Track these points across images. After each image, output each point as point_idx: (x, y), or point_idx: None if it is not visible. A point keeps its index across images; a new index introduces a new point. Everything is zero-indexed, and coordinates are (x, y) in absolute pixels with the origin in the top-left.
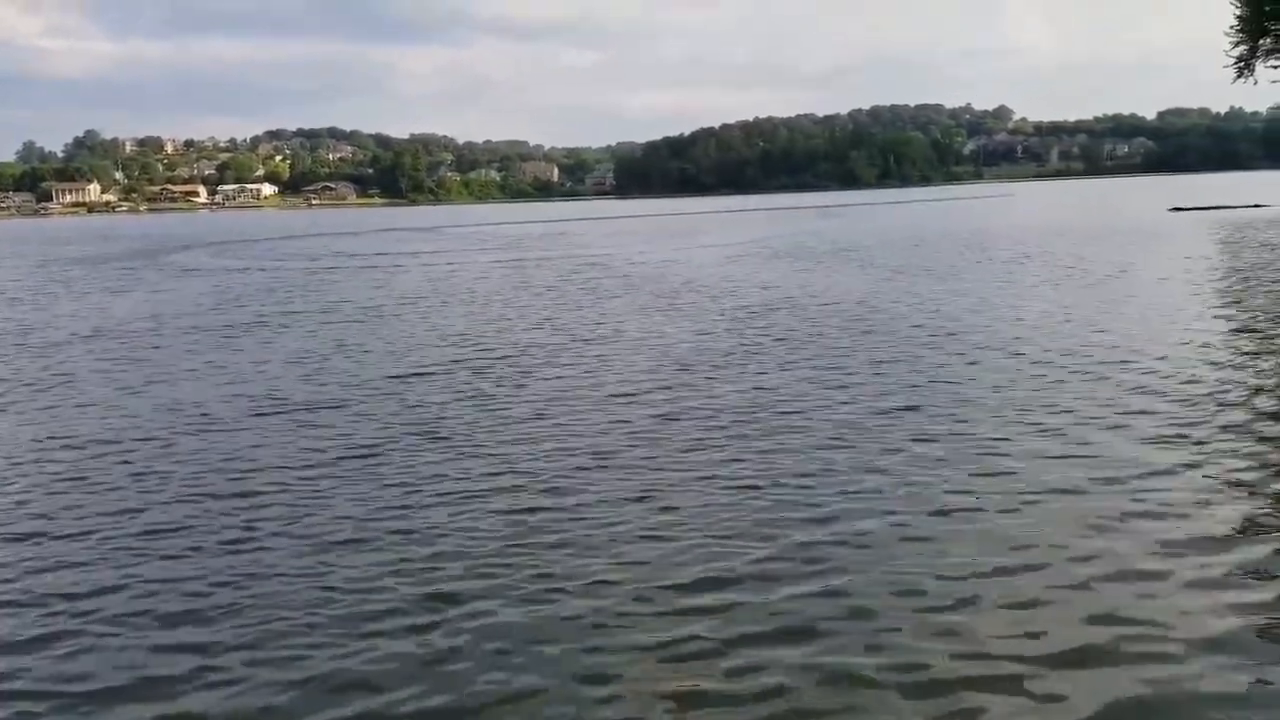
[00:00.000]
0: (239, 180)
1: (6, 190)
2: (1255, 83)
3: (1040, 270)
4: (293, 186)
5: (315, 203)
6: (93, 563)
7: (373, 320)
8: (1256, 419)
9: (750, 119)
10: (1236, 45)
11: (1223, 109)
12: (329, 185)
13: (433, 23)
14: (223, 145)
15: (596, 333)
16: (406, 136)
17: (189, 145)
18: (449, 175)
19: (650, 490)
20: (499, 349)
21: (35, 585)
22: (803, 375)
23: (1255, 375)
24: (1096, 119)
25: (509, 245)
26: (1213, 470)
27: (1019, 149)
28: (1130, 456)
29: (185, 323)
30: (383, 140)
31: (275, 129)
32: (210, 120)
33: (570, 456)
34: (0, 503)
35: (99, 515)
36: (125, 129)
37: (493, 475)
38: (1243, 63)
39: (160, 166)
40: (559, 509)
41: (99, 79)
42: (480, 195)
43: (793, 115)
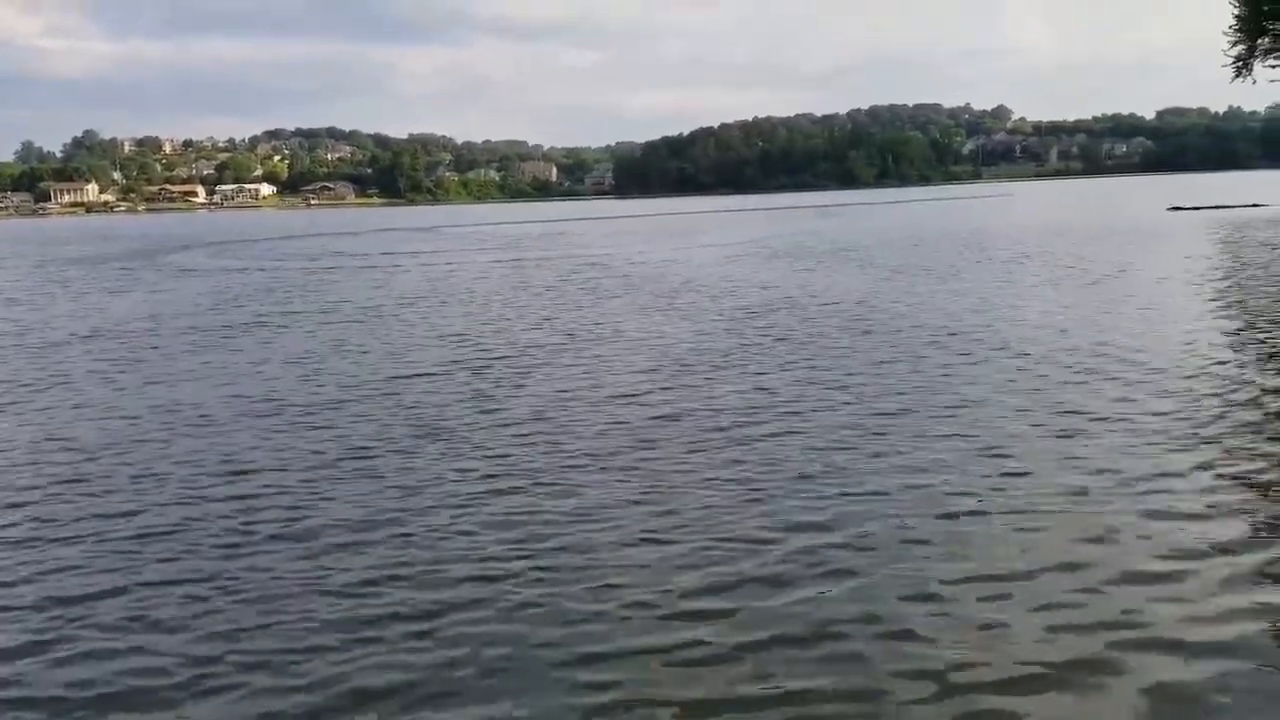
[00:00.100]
0: (237, 180)
1: (5, 190)
2: (1254, 82)
3: (1040, 270)
4: (291, 186)
5: (314, 203)
6: (89, 566)
7: (372, 320)
8: (1263, 420)
9: (749, 119)
10: (1235, 45)
11: (1221, 109)
12: (328, 185)
13: (433, 23)
14: (221, 145)
15: (596, 333)
16: (405, 136)
17: (187, 145)
18: (448, 175)
19: (651, 492)
20: (498, 349)
21: (31, 590)
22: (803, 375)
23: (1259, 375)
24: (1095, 119)
25: (508, 245)
26: (1221, 472)
27: (1018, 149)
28: (1135, 458)
29: (184, 323)
30: (381, 140)
31: (274, 129)
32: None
33: (570, 458)
34: None
35: (96, 517)
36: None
37: (492, 477)
38: (1241, 62)
39: (159, 166)
40: (559, 511)
41: (99, 79)
42: (479, 195)
43: (792, 115)
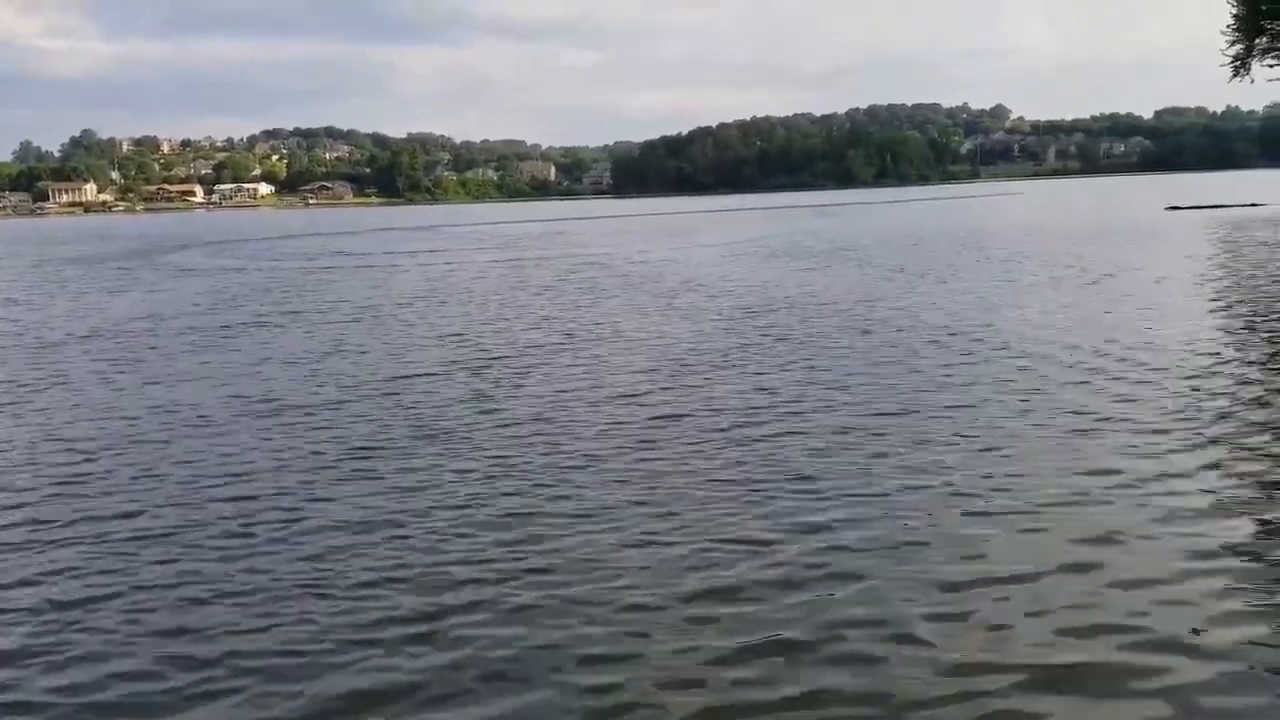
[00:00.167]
0: (236, 180)
1: (3, 190)
2: (1252, 82)
3: (1039, 269)
4: (289, 186)
5: (312, 202)
6: (87, 568)
7: (370, 320)
8: (1267, 420)
9: (748, 118)
10: (1233, 44)
11: (1219, 108)
12: (326, 185)
13: (433, 23)
14: (219, 145)
15: (595, 332)
16: (404, 136)
17: (185, 145)
18: (446, 175)
19: (651, 493)
20: (497, 349)
21: (28, 592)
22: (802, 375)
23: (1261, 374)
24: (1093, 118)
25: (506, 245)
26: (1225, 472)
27: (1016, 148)
28: (1138, 458)
29: (182, 323)
30: (380, 140)
31: (273, 129)
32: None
33: (569, 459)
34: None
35: (94, 519)
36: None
37: (491, 478)
38: (1239, 62)
39: (157, 166)
40: (558, 513)
41: (98, 79)
42: (477, 195)
43: (790, 115)
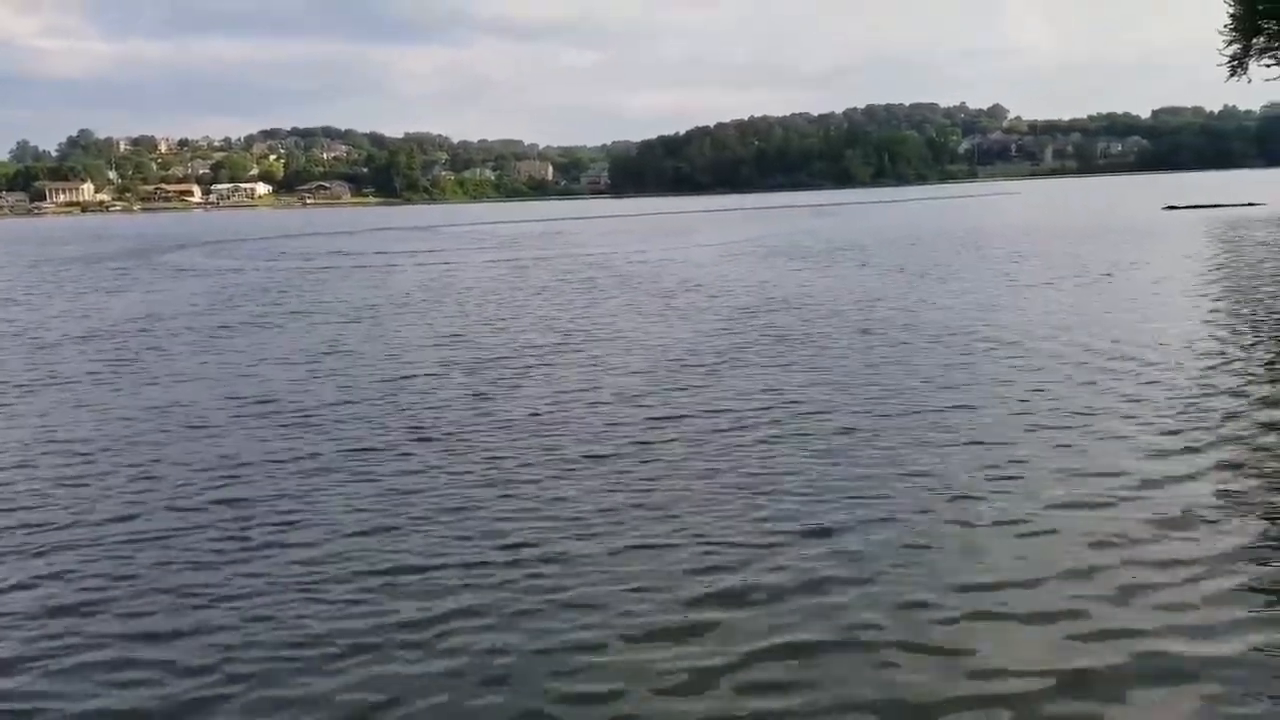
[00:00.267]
0: (233, 180)
1: (0, 190)
2: (1249, 81)
3: (1037, 269)
4: (287, 186)
5: (310, 202)
6: (82, 571)
7: (368, 321)
8: (1275, 422)
9: (745, 118)
10: (1230, 44)
11: (1216, 108)
12: (323, 184)
13: (433, 23)
14: (217, 145)
15: (594, 333)
16: (401, 136)
17: (183, 144)
18: (444, 174)
19: (649, 497)
20: (495, 350)
21: (22, 596)
22: (802, 376)
23: (1267, 372)
24: (1091, 118)
25: (504, 245)
26: (1229, 474)
27: (1013, 148)
28: (1144, 460)
29: (179, 323)
30: (377, 139)
31: (271, 128)
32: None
33: (568, 461)
34: None
35: (89, 523)
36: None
37: (489, 482)
38: (1236, 61)
39: (154, 166)
40: (556, 516)
41: (98, 79)
42: (475, 194)
43: (788, 114)
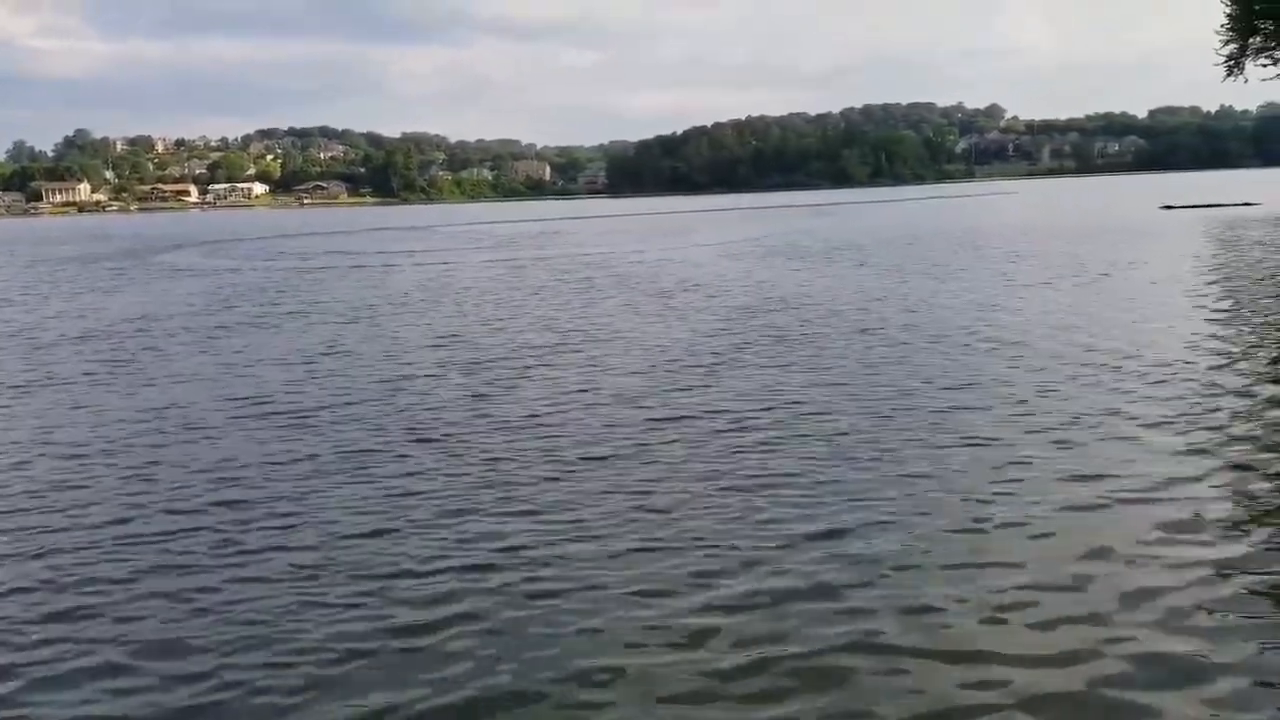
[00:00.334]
0: (230, 179)
1: None
2: (1245, 81)
3: (1035, 269)
4: (284, 186)
5: (307, 202)
6: (76, 575)
7: (365, 321)
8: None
9: (743, 118)
10: (1226, 44)
11: (1213, 108)
12: (320, 184)
13: (433, 23)
14: (214, 144)
15: (592, 333)
16: (398, 135)
17: (180, 144)
18: (441, 174)
19: (649, 499)
20: (493, 350)
21: (15, 601)
22: (801, 376)
23: (1270, 371)
24: (1088, 117)
25: (502, 244)
26: (1233, 476)
27: (1010, 148)
28: (1143, 461)
29: (176, 324)
30: (374, 139)
31: (268, 128)
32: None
33: (567, 462)
34: None
35: (84, 527)
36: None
37: (487, 483)
38: (1233, 61)
39: (151, 166)
40: (555, 520)
41: (97, 79)
42: (472, 194)
43: (785, 114)
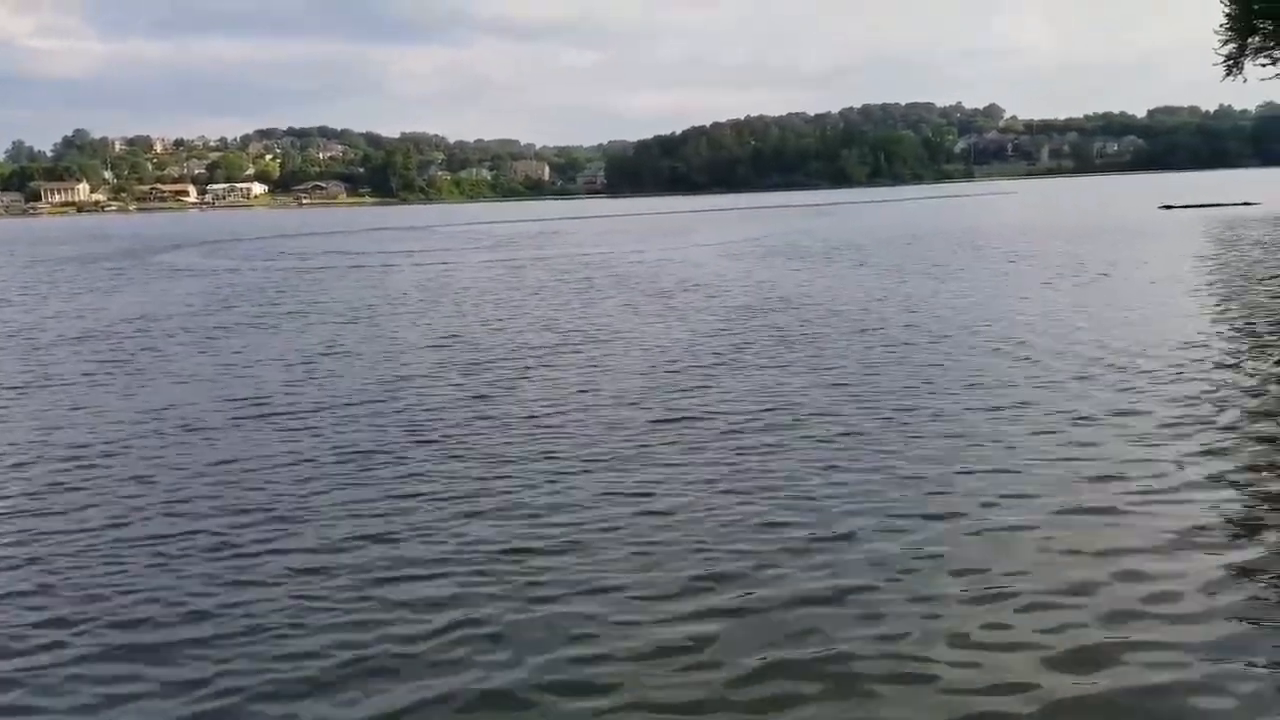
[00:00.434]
0: (229, 179)
1: None
2: (1244, 81)
3: (1035, 269)
4: (283, 186)
5: (306, 202)
6: (73, 577)
7: (364, 321)
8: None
9: (742, 118)
10: (1225, 44)
11: (1212, 108)
12: (319, 184)
13: (433, 23)
14: (213, 144)
15: (591, 334)
16: (397, 135)
17: (179, 144)
18: (440, 174)
19: (648, 501)
20: (492, 351)
21: (11, 605)
22: (801, 377)
23: (1274, 371)
24: (1087, 117)
25: (501, 244)
26: (1236, 478)
27: (1009, 147)
28: (1150, 462)
29: (175, 324)
30: (373, 139)
31: (267, 128)
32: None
33: (566, 464)
34: None
35: (82, 530)
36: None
37: (486, 484)
38: (1232, 61)
39: (150, 166)
40: (555, 523)
41: (97, 79)
42: (471, 194)
43: (784, 114)
